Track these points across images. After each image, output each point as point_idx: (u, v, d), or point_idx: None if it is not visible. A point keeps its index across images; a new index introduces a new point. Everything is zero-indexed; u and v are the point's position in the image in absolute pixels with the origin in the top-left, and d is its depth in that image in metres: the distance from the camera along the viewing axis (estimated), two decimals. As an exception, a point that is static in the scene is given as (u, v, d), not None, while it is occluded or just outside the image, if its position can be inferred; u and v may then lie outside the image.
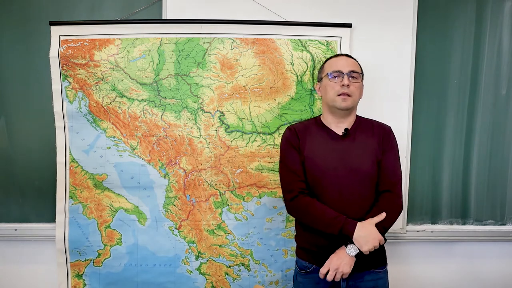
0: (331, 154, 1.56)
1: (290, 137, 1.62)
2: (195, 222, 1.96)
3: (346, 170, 1.53)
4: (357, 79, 1.57)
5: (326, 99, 1.60)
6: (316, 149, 1.58)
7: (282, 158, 1.63)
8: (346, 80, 1.54)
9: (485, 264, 2.23)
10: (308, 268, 1.59)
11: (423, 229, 2.14)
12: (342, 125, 1.59)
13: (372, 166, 1.55)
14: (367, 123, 1.63)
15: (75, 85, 1.90)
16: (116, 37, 1.89)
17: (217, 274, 1.99)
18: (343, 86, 1.54)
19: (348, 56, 1.63)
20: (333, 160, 1.55)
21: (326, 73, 1.59)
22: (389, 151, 1.59)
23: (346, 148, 1.56)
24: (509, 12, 2.10)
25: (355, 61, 1.62)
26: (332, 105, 1.57)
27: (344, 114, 1.58)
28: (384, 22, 2.01)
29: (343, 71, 1.55)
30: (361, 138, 1.59)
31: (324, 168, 1.54)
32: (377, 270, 1.58)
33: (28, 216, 2.05)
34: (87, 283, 1.98)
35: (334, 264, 1.47)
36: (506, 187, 2.17)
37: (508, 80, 2.12)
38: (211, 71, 1.92)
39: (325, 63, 1.65)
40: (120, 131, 1.93)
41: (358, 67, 1.61)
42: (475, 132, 2.13)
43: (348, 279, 1.53)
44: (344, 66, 1.57)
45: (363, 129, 1.61)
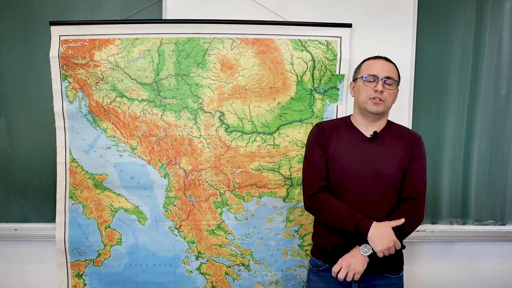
0: (356, 155, 1.54)
1: (317, 134, 1.61)
2: (195, 222, 1.96)
3: (370, 173, 1.51)
4: (392, 85, 1.54)
5: (358, 101, 1.57)
6: (341, 149, 1.56)
7: (307, 154, 1.62)
8: (380, 86, 1.51)
9: (485, 264, 2.23)
10: (321, 267, 1.59)
11: (423, 229, 2.14)
12: (372, 128, 1.57)
13: (396, 172, 1.53)
14: (397, 129, 1.61)
15: (75, 85, 1.90)
16: (116, 37, 1.89)
17: (217, 274, 1.99)
18: (377, 91, 1.51)
19: (387, 60, 1.58)
20: (358, 162, 1.53)
21: (362, 76, 1.56)
22: (417, 160, 1.57)
23: (373, 151, 1.54)
24: (509, 12, 2.10)
25: (393, 66, 1.58)
26: (364, 108, 1.55)
27: (375, 118, 1.56)
28: (384, 22, 2.01)
29: (378, 76, 1.52)
30: (389, 142, 1.57)
31: (347, 168, 1.53)
32: (391, 275, 1.55)
33: (28, 216, 2.05)
34: (87, 283, 1.98)
35: (346, 263, 1.45)
36: (506, 187, 2.17)
37: (508, 80, 2.12)
38: (211, 71, 1.92)
39: (363, 63, 1.61)
40: (120, 131, 1.93)
41: (395, 72, 1.57)
42: (475, 132, 2.13)
43: (360, 281, 1.51)
44: (380, 71, 1.53)
45: (392, 134, 1.59)
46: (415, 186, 1.55)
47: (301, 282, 2.03)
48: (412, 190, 1.54)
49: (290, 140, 1.96)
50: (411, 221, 1.51)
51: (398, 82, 1.58)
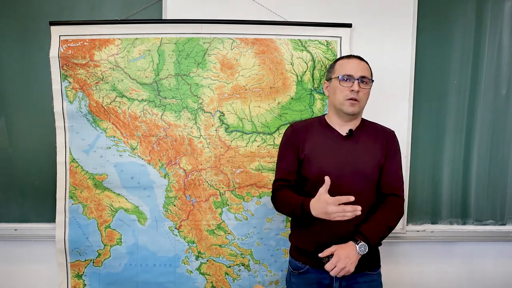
0: (333, 154, 1.56)
1: (290, 136, 1.63)
2: (195, 222, 1.96)
3: (348, 171, 1.53)
4: (367, 84, 1.56)
5: (334, 101, 1.59)
6: (317, 148, 1.57)
7: (278, 157, 1.65)
8: (356, 86, 1.52)
9: (485, 264, 2.23)
10: (301, 269, 1.58)
11: (423, 229, 2.14)
12: (347, 127, 1.59)
13: (373, 169, 1.55)
14: (372, 127, 1.64)
15: (75, 85, 1.90)
16: (116, 37, 1.89)
17: (217, 274, 1.98)
18: (353, 91, 1.52)
19: (361, 59, 1.59)
20: (335, 160, 1.54)
21: (337, 76, 1.57)
22: (393, 156, 1.59)
23: (349, 149, 1.56)
24: (509, 12, 2.10)
25: (367, 65, 1.59)
26: (339, 109, 1.56)
27: (350, 117, 1.58)
28: (384, 22, 2.01)
29: (354, 76, 1.53)
30: (365, 140, 1.58)
31: (325, 167, 1.53)
32: (371, 272, 1.58)
33: (28, 216, 2.05)
34: (87, 283, 1.98)
35: (342, 263, 1.43)
36: (506, 187, 2.17)
37: (508, 80, 2.12)
38: (211, 71, 1.92)
39: (336, 62, 1.62)
40: (120, 131, 1.93)
41: (369, 71, 1.59)
42: (475, 132, 2.13)
43: (341, 280, 1.53)
44: (355, 70, 1.54)
45: (367, 131, 1.61)
46: (395, 182, 1.57)
47: (301, 282, 2.03)
48: (393, 186, 1.56)
49: (290, 140, 1.95)
50: (395, 216, 1.54)
51: (372, 81, 1.59)
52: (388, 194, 1.56)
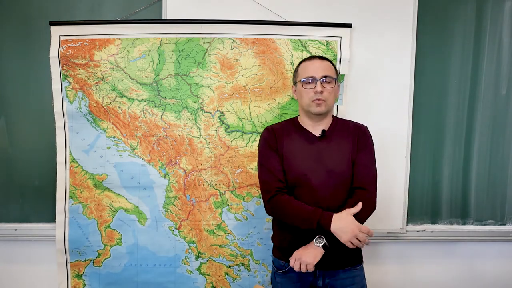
0: (308, 155, 1.56)
1: (268, 138, 1.62)
2: (195, 222, 1.96)
3: (323, 171, 1.54)
4: (331, 83, 1.55)
5: (301, 104, 1.60)
6: (294, 150, 1.58)
7: (260, 159, 1.63)
8: (319, 87, 1.53)
9: (485, 264, 2.23)
10: (285, 268, 1.59)
11: (423, 229, 2.14)
12: (319, 127, 1.60)
13: (347, 167, 1.55)
14: (344, 124, 1.64)
15: (75, 85, 1.90)
16: (116, 37, 1.89)
17: (217, 274, 1.98)
18: (316, 92, 1.53)
19: (322, 59, 1.60)
20: (310, 161, 1.55)
21: (300, 79, 1.58)
22: (363, 150, 1.58)
23: (323, 149, 1.57)
24: (509, 12, 2.10)
25: (329, 64, 1.59)
26: (307, 110, 1.58)
27: (320, 117, 1.59)
28: (384, 22, 2.01)
29: (316, 77, 1.54)
30: (338, 138, 1.59)
31: (302, 168, 1.55)
32: (353, 267, 1.58)
33: (28, 216, 2.05)
34: (87, 283, 1.98)
35: (297, 254, 1.48)
36: (506, 187, 2.17)
37: (508, 80, 2.12)
38: (211, 71, 1.92)
39: (299, 66, 1.63)
40: (120, 131, 1.93)
41: (332, 70, 1.58)
42: (475, 132, 2.13)
43: (324, 277, 1.55)
44: (317, 71, 1.55)
45: (339, 130, 1.62)
46: (364, 176, 1.56)
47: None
48: (361, 180, 1.55)
49: (290, 140, 1.95)
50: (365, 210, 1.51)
51: (336, 79, 1.59)
52: (356, 188, 1.55)
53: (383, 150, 1.98)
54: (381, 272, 2.17)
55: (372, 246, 2.12)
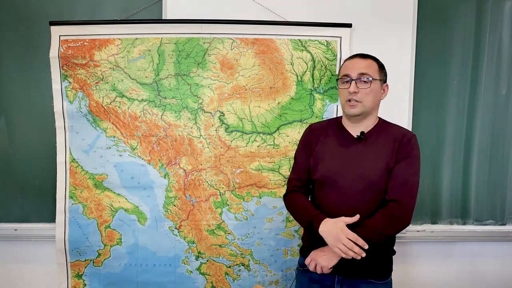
0: (341, 155, 1.51)
1: (306, 135, 1.62)
2: (195, 222, 1.96)
3: (353, 174, 1.47)
4: (367, 83, 1.47)
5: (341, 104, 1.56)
6: (326, 150, 1.55)
7: (295, 154, 1.65)
8: (352, 87, 1.46)
9: (485, 264, 2.23)
10: (306, 266, 1.57)
11: (423, 229, 2.14)
12: (359, 128, 1.53)
13: (380, 174, 1.46)
14: (388, 128, 1.54)
15: (75, 85, 1.91)
16: (116, 37, 1.89)
17: (217, 274, 1.98)
18: (350, 93, 1.47)
19: (363, 57, 1.52)
20: (341, 162, 1.50)
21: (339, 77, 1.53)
22: (404, 160, 1.46)
23: (358, 152, 1.50)
24: (509, 12, 2.10)
25: (371, 61, 1.51)
26: (344, 112, 1.54)
27: (357, 119, 1.52)
28: (384, 22, 2.01)
29: (351, 76, 1.48)
30: (377, 143, 1.50)
31: (331, 168, 1.51)
32: (377, 281, 1.49)
33: (28, 216, 2.05)
34: (87, 283, 1.98)
35: (314, 254, 1.46)
36: (506, 187, 2.17)
37: (508, 80, 2.12)
38: (211, 71, 1.92)
39: (343, 64, 1.57)
40: (120, 131, 1.93)
41: (373, 68, 1.49)
42: (475, 132, 2.13)
43: (342, 284, 1.50)
44: (353, 69, 1.48)
45: (381, 133, 1.52)
46: (400, 187, 1.45)
47: (301, 282, 2.04)
48: (394, 192, 1.45)
49: (290, 140, 1.96)
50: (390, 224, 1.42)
51: (380, 78, 1.50)
52: (390, 200, 1.45)
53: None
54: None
55: (372, 246, 2.12)
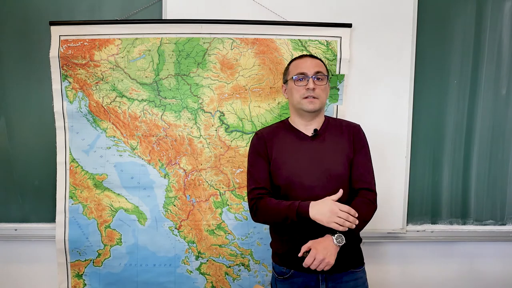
0: (301, 155, 1.53)
1: (257, 144, 1.60)
2: (195, 222, 1.96)
3: (318, 171, 1.51)
4: (323, 80, 1.55)
5: (293, 102, 1.58)
6: (285, 152, 1.55)
7: (248, 167, 1.62)
8: (311, 83, 1.51)
9: (485, 264, 2.23)
10: (286, 274, 1.55)
11: (423, 229, 2.14)
12: (311, 127, 1.57)
13: (344, 166, 1.53)
14: (336, 123, 1.62)
15: (75, 85, 1.91)
16: (116, 37, 1.89)
17: (217, 274, 1.99)
18: (308, 89, 1.51)
19: (313, 57, 1.60)
20: (304, 162, 1.52)
21: (291, 76, 1.56)
22: (361, 149, 1.56)
23: (317, 149, 1.54)
24: (509, 12, 2.10)
25: (320, 62, 1.59)
26: (299, 108, 1.55)
27: (312, 116, 1.56)
28: (384, 22, 2.01)
29: (308, 74, 1.53)
30: (331, 138, 1.57)
31: (295, 170, 1.51)
32: (355, 270, 1.55)
33: (28, 216, 2.05)
34: (87, 283, 1.98)
35: (321, 255, 1.39)
36: (506, 187, 2.17)
37: (508, 80, 2.12)
38: (211, 71, 1.92)
39: (290, 64, 1.62)
40: (120, 131, 1.93)
41: (324, 67, 1.59)
42: (475, 132, 2.13)
43: (327, 281, 1.51)
44: (309, 67, 1.54)
45: (332, 129, 1.59)
46: (366, 176, 1.54)
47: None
48: (365, 180, 1.53)
49: (290, 140, 1.95)
50: (371, 211, 1.51)
51: (328, 76, 1.58)
52: (360, 189, 1.53)
53: (383, 150, 1.99)
54: (381, 272, 2.17)
55: (372, 246, 2.11)
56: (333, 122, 1.62)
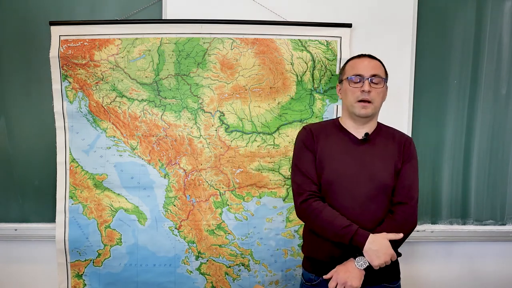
0: (348, 158, 1.47)
1: (305, 138, 1.53)
2: (195, 222, 1.96)
3: (363, 176, 1.45)
4: (379, 84, 1.47)
5: (346, 104, 1.51)
6: (332, 152, 1.49)
7: (295, 159, 1.54)
8: (366, 86, 1.44)
9: (485, 264, 2.23)
10: (314, 281, 1.51)
11: (423, 229, 2.14)
12: (362, 130, 1.50)
13: (390, 175, 1.46)
14: (388, 131, 1.55)
15: (75, 85, 1.90)
16: (116, 37, 1.89)
17: (217, 274, 1.98)
18: (363, 92, 1.44)
19: (371, 58, 1.52)
20: (350, 165, 1.46)
21: (347, 76, 1.50)
22: (409, 162, 1.50)
23: (365, 154, 1.48)
24: (509, 12, 2.10)
25: (379, 63, 1.51)
26: (352, 111, 1.48)
27: (364, 120, 1.50)
28: (384, 22, 2.01)
29: (364, 75, 1.45)
30: (381, 145, 1.50)
31: (339, 171, 1.46)
32: (389, 285, 1.50)
33: (28, 216, 2.05)
34: (87, 283, 1.98)
35: (342, 278, 1.37)
36: (506, 187, 2.17)
37: (508, 80, 2.12)
38: (211, 71, 1.92)
39: (347, 63, 1.55)
40: (120, 131, 1.93)
41: (382, 69, 1.50)
42: (475, 132, 2.13)
43: None
44: (365, 69, 1.46)
45: (383, 136, 1.52)
46: (408, 190, 1.48)
47: (301, 282, 2.04)
48: (405, 194, 1.47)
49: (290, 140, 1.96)
50: (406, 228, 1.45)
51: (386, 79, 1.51)
52: (399, 203, 1.47)
53: (383, 150, 1.99)
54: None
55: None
56: (385, 129, 1.55)
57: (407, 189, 1.48)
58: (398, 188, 1.48)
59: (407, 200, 1.47)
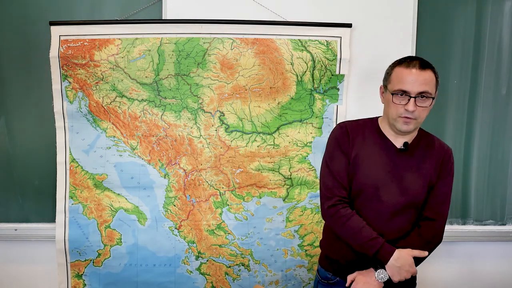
0: (382, 167, 1.41)
1: (340, 137, 1.44)
2: (195, 222, 1.96)
3: (395, 188, 1.40)
4: (426, 102, 1.34)
5: (387, 113, 1.40)
6: (367, 156, 1.42)
7: (327, 157, 1.46)
8: (411, 106, 1.31)
9: (485, 264, 2.23)
10: (331, 280, 1.50)
11: (423, 229, 2.14)
12: (402, 140, 1.42)
13: (423, 189, 1.41)
14: (428, 140, 1.47)
15: (75, 85, 1.90)
16: (116, 37, 1.89)
17: (217, 274, 1.99)
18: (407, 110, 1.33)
19: (422, 67, 1.34)
20: (383, 175, 1.40)
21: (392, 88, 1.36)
22: (445, 178, 1.45)
23: (401, 164, 1.41)
24: (509, 12, 2.10)
25: (431, 74, 1.35)
26: (392, 124, 1.39)
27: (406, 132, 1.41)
28: (384, 22, 2.01)
29: (410, 93, 1.32)
30: (419, 156, 1.43)
31: (371, 180, 1.40)
32: None
33: (28, 216, 2.05)
34: (87, 283, 1.98)
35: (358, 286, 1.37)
36: (506, 187, 2.17)
37: (508, 80, 2.12)
38: (211, 71, 1.92)
39: (394, 69, 1.40)
40: (120, 131, 1.93)
41: (432, 83, 1.34)
42: (475, 131, 2.13)
43: None
44: (413, 85, 1.32)
45: (423, 147, 1.45)
46: (439, 206, 1.45)
47: (301, 282, 2.03)
48: (436, 210, 1.44)
49: (290, 140, 1.96)
50: (432, 245, 1.44)
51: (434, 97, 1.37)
52: (428, 218, 1.44)
53: (383, 150, 1.99)
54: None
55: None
56: (425, 138, 1.47)
57: (438, 205, 1.45)
58: (430, 203, 1.44)
59: (436, 217, 1.44)
